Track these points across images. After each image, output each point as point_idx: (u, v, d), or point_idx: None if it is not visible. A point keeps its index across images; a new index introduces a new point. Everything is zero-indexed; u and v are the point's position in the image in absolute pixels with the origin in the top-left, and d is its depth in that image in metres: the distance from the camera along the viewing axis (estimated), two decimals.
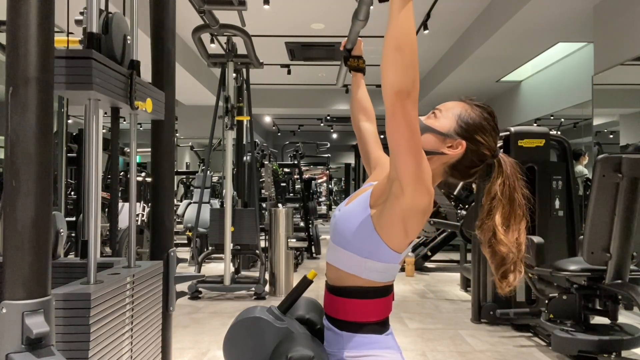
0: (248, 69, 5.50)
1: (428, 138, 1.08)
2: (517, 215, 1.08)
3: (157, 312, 1.78)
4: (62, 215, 1.82)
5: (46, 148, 1.11)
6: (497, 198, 1.08)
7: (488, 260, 1.09)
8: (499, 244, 1.06)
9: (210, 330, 3.93)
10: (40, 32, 1.10)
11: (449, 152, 1.09)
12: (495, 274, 1.08)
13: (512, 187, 1.08)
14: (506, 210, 1.07)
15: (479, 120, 1.10)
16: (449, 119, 1.10)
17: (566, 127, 7.92)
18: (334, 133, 19.28)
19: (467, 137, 1.09)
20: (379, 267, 1.05)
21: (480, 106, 1.12)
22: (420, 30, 7.23)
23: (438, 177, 1.12)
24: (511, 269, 1.06)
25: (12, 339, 1.05)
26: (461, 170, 1.12)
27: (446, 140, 1.09)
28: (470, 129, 1.09)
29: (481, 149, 1.10)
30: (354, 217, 1.07)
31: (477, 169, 1.12)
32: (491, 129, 1.11)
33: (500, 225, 1.07)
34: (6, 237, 1.08)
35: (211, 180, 7.36)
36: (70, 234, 4.10)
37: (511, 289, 1.07)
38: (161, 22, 2.04)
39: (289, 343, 1.04)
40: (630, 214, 2.81)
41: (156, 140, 2.06)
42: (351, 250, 1.06)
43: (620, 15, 4.73)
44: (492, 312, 3.96)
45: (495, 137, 1.12)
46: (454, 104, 1.14)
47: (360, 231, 1.05)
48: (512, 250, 1.05)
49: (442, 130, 1.09)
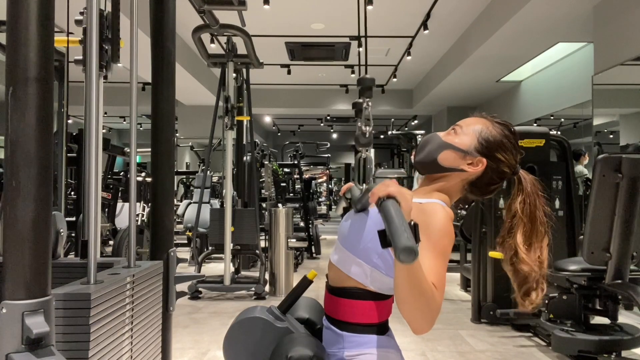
0: (248, 69, 5.50)
1: (448, 155, 1.08)
2: (539, 233, 1.07)
3: (157, 312, 1.78)
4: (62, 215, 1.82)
5: (46, 148, 1.11)
6: (517, 216, 1.07)
7: (510, 277, 1.08)
8: (521, 262, 1.05)
9: (210, 330, 3.93)
10: (40, 32, 1.10)
11: (469, 170, 1.08)
12: (517, 292, 1.07)
13: (532, 205, 1.07)
14: (527, 229, 1.06)
15: (500, 138, 1.09)
16: (469, 136, 1.09)
17: (566, 127, 7.92)
18: (334, 133, 19.28)
19: (487, 154, 1.08)
20: (385, 280, 1.05)
21: (501, 123, 1.12)
22: (420, 30, 7.23)
23: (457, 193, 1.12)
24: (534, 287, 1.05)
25: (12, 339, 1.05)
26: (480, 187, 1.11)
27: (466, 157, 1.08)
28: (491, 146, 1.08)
29: (501, 167, 1.09)
30: (370, 227, 1.05)
31: (496, 185, 1.12)
32: (512, 146, 1.10)
33: (522, 244, 1.05)
34: (6, 237, 1.08)
35: (211, 180, 7.35)
36: (70, 234, 4.10)
37: (534, 307, 1.06)
38: (161, 22, 2.04)
39: (289, 343, 1.04)
40: (630, 214, 2.80)
41: (156, 140, 2.06)
42: (359, 256, 1.05)
43: (620, 15, 4.73)
44: (492, 312, 3.96)
45: (516, 155, 1.11)
46: (475, 120, 1.13)
47: (374, 243, 1.03)
48: (534, 270, 1.04)
49: (462, 147, 1.09)
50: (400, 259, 0.78)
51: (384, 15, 6.71)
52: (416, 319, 0.89)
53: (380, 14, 6.61)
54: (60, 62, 3.37)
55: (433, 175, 1.13)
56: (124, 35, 1.79)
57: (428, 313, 0.88)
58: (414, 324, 0.90)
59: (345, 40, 7.91)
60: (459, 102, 10.59)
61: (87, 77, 1.53)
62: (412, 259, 0.77)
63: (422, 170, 1.15)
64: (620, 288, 2.87)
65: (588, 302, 3.18)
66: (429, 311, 0.88)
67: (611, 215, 2.84)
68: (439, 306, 0.89)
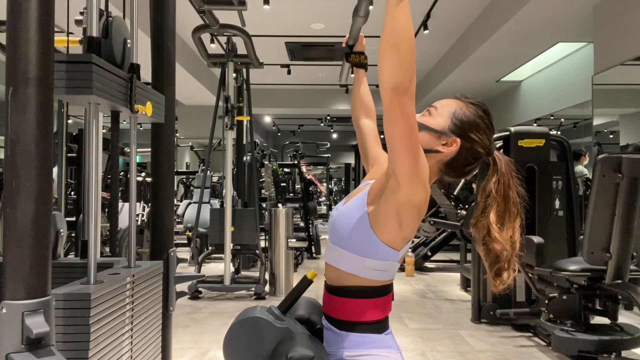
0: (248, 69, 5.51)
1: (423, 136, 1.08)
2: (512, 213, 1.07)
3: (157, 312, 1.78)
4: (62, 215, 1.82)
5: (46, 148, 1.11)
6: (491, 196, 1.08)
7: (482, 258, 1.09)
8: (493, 241, 1.05)
9: (210, 330, 3.93)
10: (40, 32, 1.10)
11: (443, 150, 1.09)
12: (489, 271, 1.07)
13: (506, 185, 1.08)
14: (500, 208, 1.07)
15: (473, 118, 1.10)
16: (443, 117, 1.10)
17: (566, 127, 7.92)
18: (334, 133, 19.28)
19: (461, 134, 1.09)
20: (377, 265, 1.05)
21: (474, 104, 1.13)
22: (420, 30, 7.23)
23: (433, 175, 1.12)
24: (505, 267, 1.05)
25: (12, 339, 1.05)
26: (456, 168, 1.12)
27: (441, 137, 1.09)
28: (464, 126, 1.09)
29: (475, 147, 1.10)
30: (351, 216, 1.07)
31: (471, 166, 1.13)
32: (485, 127, 1.11)
33: (495, 223, 1.06)
34: (6, 237, 1.08)
35: (211, 180, 7.36)
36: (70, 234, 4.09)
37: (505, 287, 1.06)
38: (161, 22, 2.04)
39: (289, 343, 1.04)
40: (630, 214, 2.80)
41: (156, 140, 2.06)
42: (349, 249, 1.06)
43: (620, 15, 4.73)
44: (492, 312, 3.96)
45: (489, 135, 1.12)
46: (449, 101, 1.14)
47: (357, 229, 1.05)
48: (506, 248, 1.05)
49: (437, 128, 1.10)
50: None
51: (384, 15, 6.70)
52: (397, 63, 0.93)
53: (380, 14, 6.59)
54: None
55: None
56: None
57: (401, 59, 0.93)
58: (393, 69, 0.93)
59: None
60: None
61: None
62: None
63: None
64: (620, 288, 2.87)
65: (588, 302, 3.18)
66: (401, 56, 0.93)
67: (611, 215, 2.84)
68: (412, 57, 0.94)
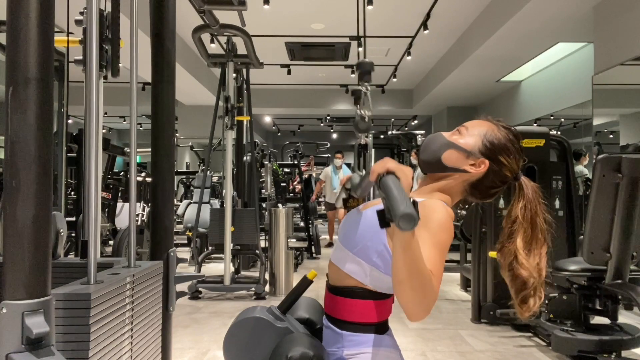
0: (248, 69, 5.50)
1: (451, 154, 1.09)
2: (539, 240, 1.07)
3: (157, 312, 1.78)
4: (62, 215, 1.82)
5: (46, 148, 1.11)
6: (518, 221, 1.07)
7: (508, 284, 1.08)
8: (520, 267, 1.05)
9: (210, 330, 3.93)
10: (40, 32, 1.10)
11: (471, 170, 1.09)
12: (515, 298, 1.07)
13: (533, 212, 1.08)
14: (528, 234, 1.07)
15: (504, 142, 1.10)
16: (474, 137, 1.10)
17: (566, 127, 7.92)
18: (334, 133, 19.29)
19: (490, 157, 1.09)
20: (384, 278, 1.05)
21: (506, 127, 1.13)
22: (420, 30, 7.23)
23: (458, 194, 1.12)
24: (531, 294, 1.05)
25: (12, 339, 1.05)
26: (481, 189, 1.12)
27: (469, 157, 1.09)
28: (495, 149, 1.09)
29: (503, 170, 1.10)
30: (369, 226, 1.05)
31: (497, 189, 1.12)
32: (515, 151, 1.11)
33: (522, 249, 1.06)
34: (6, 237, 1.08)
35: (211, 180, 7.36)
36: (70, 234, 4.09)
37: (531, 314, 1.06)
38: (161, 22, 2.04)
39: (289, 343, 1.04)
40: (630, 214, 2.80)
41: (156, 140, 2.06)
42: (359, 255, 1.06)
43: (620, 15, 4.73)
44: (492, 312, 3.96)
45: (518, 160, 1.12)
46: (480, 122, 1.14)
47: (373, 240, 1.04)
48: (533, 275, 1.04)
49: (466, 147, 1.09)
50: (400, 225, 0.77)
51: (383, 15, 6.71)
52: (412, 301, 0.86)
53: (380, 14, 6.61)
54: (60, 62, 3.37)
55: (435, 174, 1.14)
56: (124, 35, 1.79)
57: (424, 298, 0.86)
58: (409, 308, 0.87)
59: (345, 40, 7.92)
60: (459, 102, 10.59)
61: (87, 77, 1.53)
62: (411, 226, 0.77)
63: (425, 168, 1.15)
64: (620, 288, 2.87)
65: (588, 302, 3.18)
66: (424, 296, 0.86)
67: (611, 215, 2.84)
68: (435, 294, 0.88)
